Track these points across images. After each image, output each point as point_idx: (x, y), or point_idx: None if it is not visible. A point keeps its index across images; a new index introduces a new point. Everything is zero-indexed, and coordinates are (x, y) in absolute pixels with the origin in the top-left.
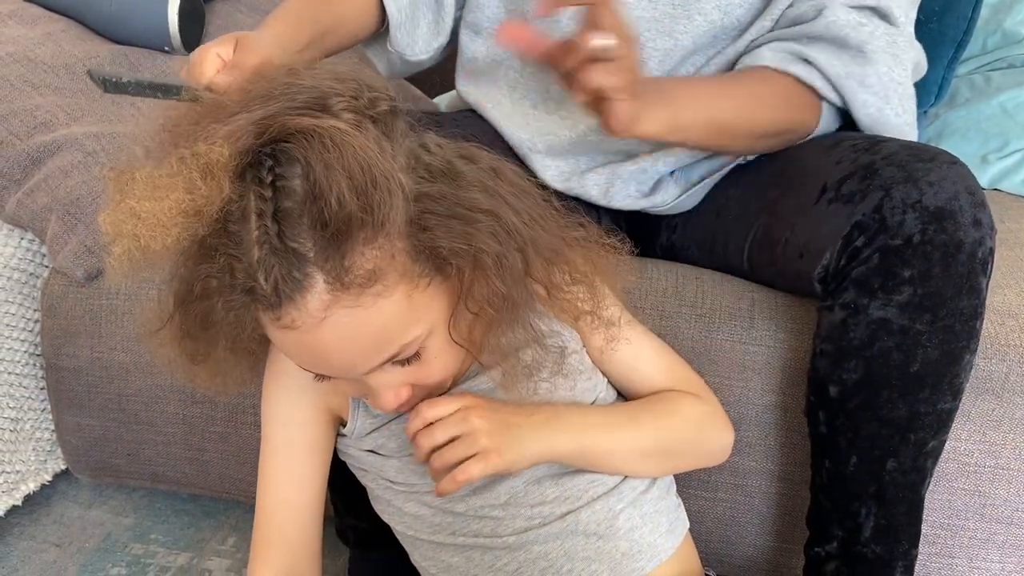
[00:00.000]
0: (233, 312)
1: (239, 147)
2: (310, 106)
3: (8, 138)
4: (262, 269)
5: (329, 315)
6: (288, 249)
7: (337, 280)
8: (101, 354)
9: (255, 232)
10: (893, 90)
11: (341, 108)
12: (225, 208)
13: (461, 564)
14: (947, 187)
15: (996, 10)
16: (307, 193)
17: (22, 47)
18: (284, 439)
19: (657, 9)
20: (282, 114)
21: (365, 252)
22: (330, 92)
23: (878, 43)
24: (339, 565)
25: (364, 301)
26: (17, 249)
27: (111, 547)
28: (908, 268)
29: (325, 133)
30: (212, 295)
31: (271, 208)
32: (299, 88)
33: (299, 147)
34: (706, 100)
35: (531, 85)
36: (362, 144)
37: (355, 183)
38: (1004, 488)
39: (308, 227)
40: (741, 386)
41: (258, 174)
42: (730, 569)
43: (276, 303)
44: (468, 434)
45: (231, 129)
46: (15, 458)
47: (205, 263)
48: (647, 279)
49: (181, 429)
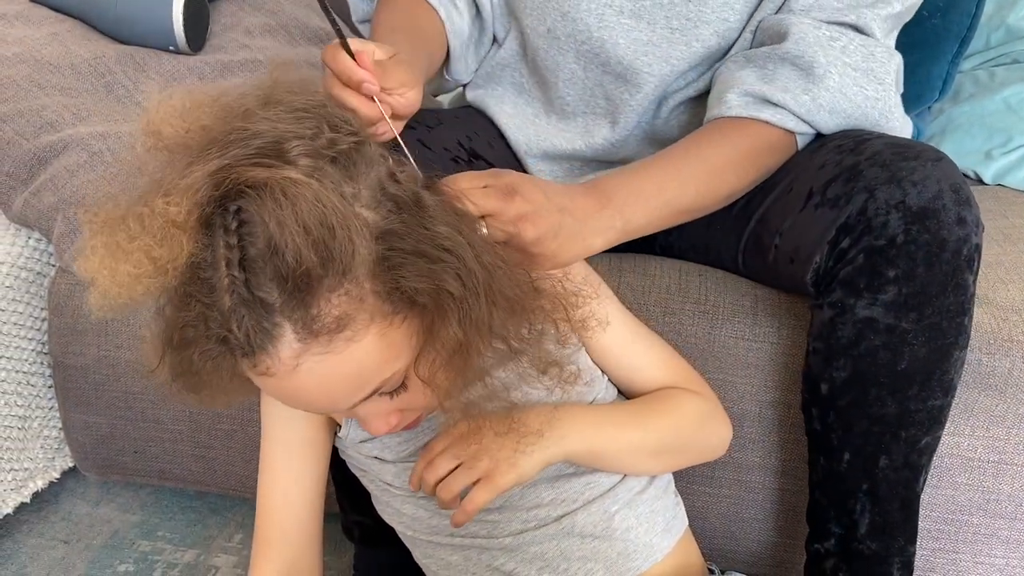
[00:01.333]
0: (211, 361)
1: (197, 200)
2: (265, 153)
3: (14, 138)
4: (234, 318)
5: (302, 363)
6: (256, 298)
7: (305, 329)
8: (108, 352)
9: (224, 280)
10: (871, 107)
11: (297, 153)
12: (196, 257)
13: (460, 562)
14: (931, 186)
15: (1000, 6)
16: (267, 246)
17: (28, 47)
18: (282, 435)
19: (655, 33)
20: (236, 165)
21: (332, 299)
22: (286, 135)
23: (850, 59)
24: (344, 561)
25: (335, 347)
26: (24, 248)
27: (119, 544)
28: (892, 268)
29: (277, 186)
30: (190, 344)
31: (237, 256)
32: (253, 133)
33: (252, 202)
34: (657, 195)
35: (535, 94)
36: (316, 194)
37: (311, 237)
38: (1008, 484)
39: (271, 278)
40: (744, 382)
41: (224, 221)
42: (733, 564)
43: (250, 351)
44: (467, 460)
45: (188, 183)
46: (23, 456)
47: (183, 310)
48: (651, 276)
49: (188, 427)
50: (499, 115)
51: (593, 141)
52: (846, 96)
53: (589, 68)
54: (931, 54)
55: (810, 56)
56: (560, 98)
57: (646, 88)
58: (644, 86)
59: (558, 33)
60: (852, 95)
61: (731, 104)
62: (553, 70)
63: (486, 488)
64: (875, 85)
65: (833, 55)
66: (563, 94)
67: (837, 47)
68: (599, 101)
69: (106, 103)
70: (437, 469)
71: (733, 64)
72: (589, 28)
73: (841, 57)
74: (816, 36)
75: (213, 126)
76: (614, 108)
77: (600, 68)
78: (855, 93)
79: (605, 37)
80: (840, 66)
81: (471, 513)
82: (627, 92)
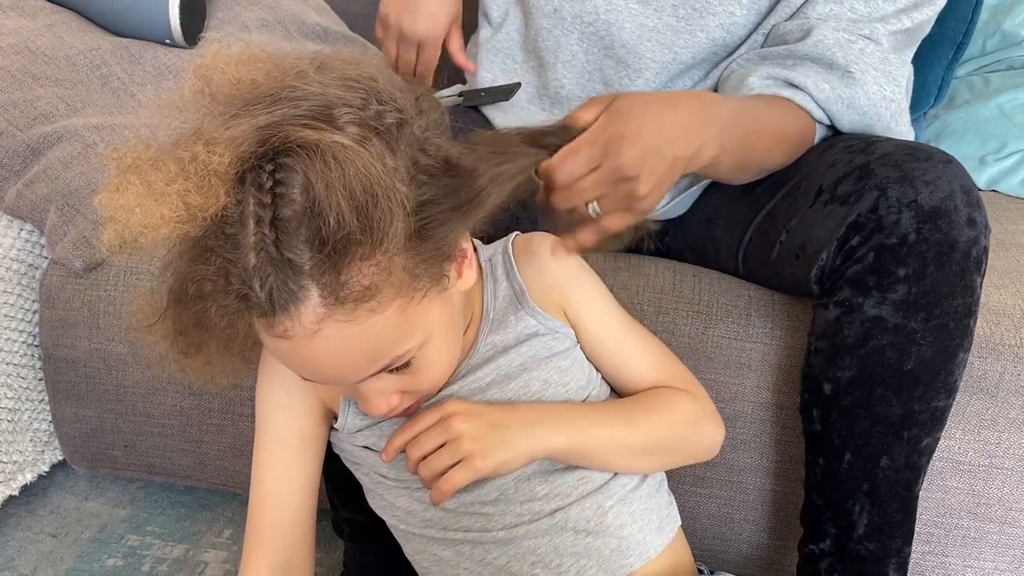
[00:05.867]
0: (227, 317)
1: (239, 153)
2: (315, 116)
3: (8, 129)
4: (257, 276)
5: (322, 328)
6: (284, 259)
7: (332, 295)
8: (99, 345)
9: (252, 238)
10: (885, 107)
11: (346, 121)
12: (222, 211)
13: (451, 558)
14: (942, 186)
15: (996, 12)
16: (306, 207)
17: (23, 38)
18: (277, 429)
19: (661, 20)
20: (286, 123)
21: (362, 268)
22: (336, 102)
23: (869, 60)
24: (335, 558)
25: (358, 316)
26: (16, 240)
27: (107, 538)
28: (903, 267)
29: (328, 150)
30: (206, 298)
31: (269, 215)
32: (305, 94)
33: (300, 162)
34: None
35: (528, 79)
36: (365, 162)
37: (355, 203)
38: (998, 487)
39: (305, 240)
40: (737, 383)
41: (258, 179)
42: (723, 565)
43: (270, 311)
44: (451, 440)
45: (233, 134)
46: (12, 448)
47: (200, 264)
48: (645, 276)
49: (178, 421)
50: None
51: None
52: (865, 92)
53: (591, 51)
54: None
55: (831, 55)
56: (556, 80)
57: (647, 74)
58: (645, 71)
59: (564, 13)
60: (871, 92)
61: (753, 86)
62: (553, 51)
63: (465, 469)
64: (892, 86)
65: (853, 55)
66: (560, 76)
67: (856, 48)
68: (596, 86)
69: (101, 95)
70: (423, 445)
71: (747, 61)
72: (597, 9)
73: (861, 57)
74: (836, 38)
75: (263, 82)
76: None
77: (603, 51)
78: (874, 91)
79: (612, 20)
80: (861, 64)
81: (446, 492)
82: (627, 77)
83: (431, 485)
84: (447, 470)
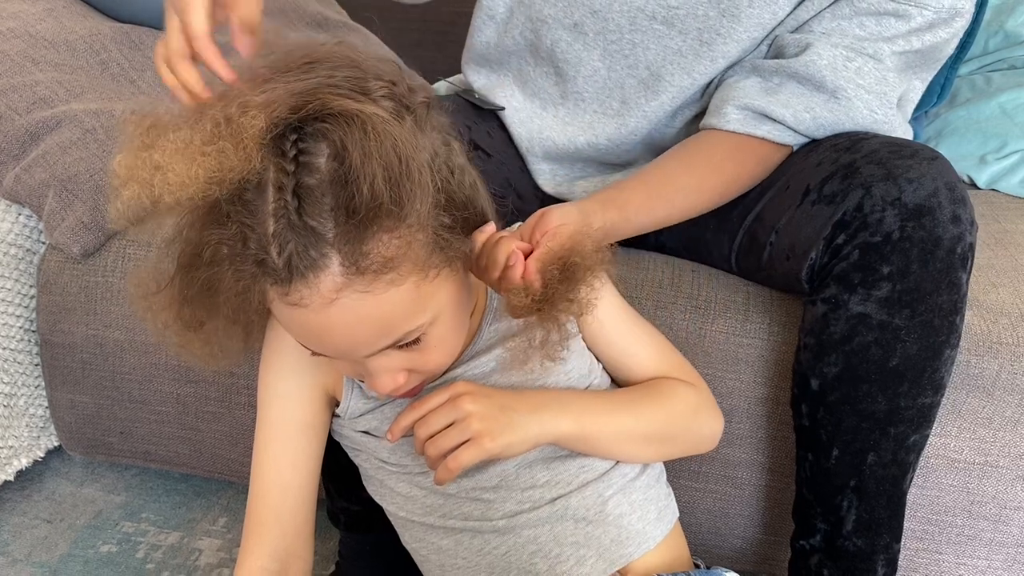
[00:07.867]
0: (241, 282)
1: (273, 118)
2: (351, 86)
3: (7, 113)
4: (276, 242)
5: (339, 297)
6: (306, 226)
7: (353, 264)
8: (96, 331)
9: (272, 204)
10: (879, 128)
11: (381, 95)
12: (250, 174)
13: (451, 547)
14: (927, 184)
15: (998, 11)
16: (335, 175)
17: (23, 22)
18: (280, 415)
19: (685, 43)
20: (322, 91)
21: (385, 240)
22: (371, 74)
23: (863, 81)
24: (329, 547)
25: (376, 287)
26: (14, 225)
27: (102, 524)
28: (887, 264)
29: (368, 120)
30: (222, 262)
31: (292, 182)
32: (341, 62)
33: (337, 129)
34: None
35: (543, 84)
36: (401, 135)
37: (391, 174)
38: (992, 486)
39: (330, 208)
40: (733, 378)
41: (281, 146)
42: (719, 560)
43: (287, 278)
44: (460, 420)
45: (268, 98)
46: (8, 433)
47: (216, 228)
48: (644, 270)
49: (174, 408)
50: (507, 109)
51: (596, 140)
52: (851, 116)
53: (614, 68)
54: None
55: (820, 77)
56: (577, 92)
57: (663, 97)
58: (662, 94)
59: (586, 29)
60: (858, 116)
61: (729, 118)
62: (575, 64)
63: (473, 449)
64: (885, 109)
65: (847, 76)
66: (581, 88)
67: (852, 68)
68: (614, 102)
69: (101, 80)
70: (431, 424)
71: (739, 71)
72: (620, 29)
73: (855, 79)
74: (832, 55)
75: (295, 51)
76: (627, 111)
77: (627, 70)
78: (863, 115)
79: (636, 40)
80: (853, 87)
81: (453, 471)
82: (644, 97)
83: (437, 465)
84: (454, 449)
